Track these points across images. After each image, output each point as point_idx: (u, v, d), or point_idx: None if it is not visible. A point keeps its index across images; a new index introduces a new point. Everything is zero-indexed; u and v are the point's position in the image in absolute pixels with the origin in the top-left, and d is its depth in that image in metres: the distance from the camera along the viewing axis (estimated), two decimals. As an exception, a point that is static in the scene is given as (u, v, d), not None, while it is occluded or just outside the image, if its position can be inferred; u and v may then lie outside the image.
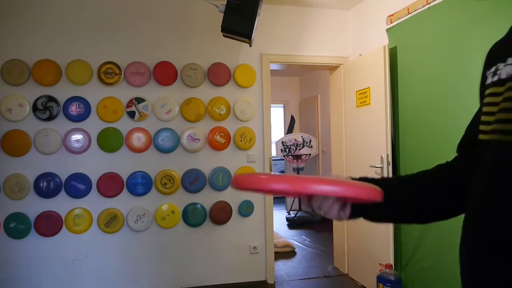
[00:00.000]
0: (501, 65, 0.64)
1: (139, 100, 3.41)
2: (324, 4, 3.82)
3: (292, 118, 7.14)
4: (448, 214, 0.79)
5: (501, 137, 0.59)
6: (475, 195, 0.64)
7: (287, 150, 6.39)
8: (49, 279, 3.28)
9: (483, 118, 0.66)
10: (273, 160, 3.96)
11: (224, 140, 3.57)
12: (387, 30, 3.26)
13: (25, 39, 3.25)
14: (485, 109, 0.66)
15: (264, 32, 3.65)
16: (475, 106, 0.75)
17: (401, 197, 0.80)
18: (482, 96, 0.71)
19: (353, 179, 0.80)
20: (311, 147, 6.40)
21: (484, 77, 0.71)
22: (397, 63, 3.17)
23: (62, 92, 3.28)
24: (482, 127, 0.66)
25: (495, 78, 0.65)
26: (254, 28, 2.55)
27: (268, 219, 3.74)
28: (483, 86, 0.70)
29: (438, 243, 2.69)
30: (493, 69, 0.67)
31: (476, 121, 0.71)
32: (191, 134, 3.50)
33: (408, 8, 2.99)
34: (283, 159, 6.67)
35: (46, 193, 3.23)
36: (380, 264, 3.07)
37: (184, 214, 3.50)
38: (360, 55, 3.65)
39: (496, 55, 0.69)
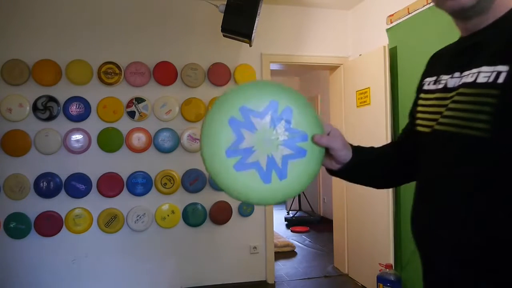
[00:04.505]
0: (445, 77, 0.80)
1: (139, 100, 3.41)
2: (324, 4, 3.82)
3: None
4: (395, 183, 1.04)
5: (448, 128, 0.74)
6: (422, 174, 0.83)
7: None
8: (49, 279, 3.28)
9: (425, 116, 0.83)
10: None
11: (224, 140, 3.57)
12: (387, 30, 3.27)
13: (25, 39, 3.25)
14: (429, 109, 0.82)
15: (264, 32, 3.65)
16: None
17: (365, 162, 0.97)
18: (417, 97, 0.89)
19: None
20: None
21: (422, 83, 0.90)
22: (397, 63, 3.17)
23: (62, 92, 3.28)
24: (424, 123, 0.83)
25: (440, 86, 0.80)
26: (254, 28, 2.54)
27: (268, 219, 3.74)
28: (420, 89, 0.89)
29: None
30: (433, 78, 0.84)
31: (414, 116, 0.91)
32: (191, 134, 3.50)
33: (408, 8, 2.99)
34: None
35: (46, 193, 3.23)
36: (380, 264, 3.07)
37: (184, 214, 3.50)
38: (360, 55, 3.65)
39: (437, 65, 0.88)
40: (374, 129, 3.27)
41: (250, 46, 2.90)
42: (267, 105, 0.82)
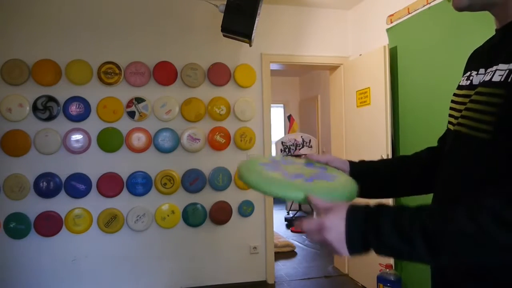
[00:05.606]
0: (474, 73, 0.77)
1: (139, 100, 3.41)
2: (324, 4, 3.82)
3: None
4: (421, 191, 0.97)
5: (461, 129, 0.72)
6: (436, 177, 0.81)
7: (287, 150, 6.39)
8: (49, 279, 3.27)
9: (452, 113, 0.81)
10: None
11: (224, 140, 3.57)
12: (387, 30, 3.27)
13: (25, 39, 3.25)
14: (456, 106, 0.80)
15: (264, 32, 3.65)
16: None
17: (385, 174, 0.96)
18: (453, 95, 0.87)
19: (351, 162, 0.95)
20: (311, 147, 6.40)
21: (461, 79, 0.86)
22: (397, 63, 3.17)
23: (62, 92, 3.28)
24: (451, 120, 0.81)
25: (468, 82, 0.77)
26: (254, 28, 2.54)
27: (268, 219, 3.74)
28: (458, 86, 0.85)
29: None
30: (467, 74, 0.80)
31: None
32: (191, 134, 3.49)
33: (408, 8, 2.99)
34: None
35: (46, 193, 3.23)
36: (380, 264, 3.07)
37: (184, 214, 3.50)
38: (360, 55, 3.65)
39: (471, 62, 0.84)
40: (374, 129, 3.27)
41: (250, 46, 2.90)
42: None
